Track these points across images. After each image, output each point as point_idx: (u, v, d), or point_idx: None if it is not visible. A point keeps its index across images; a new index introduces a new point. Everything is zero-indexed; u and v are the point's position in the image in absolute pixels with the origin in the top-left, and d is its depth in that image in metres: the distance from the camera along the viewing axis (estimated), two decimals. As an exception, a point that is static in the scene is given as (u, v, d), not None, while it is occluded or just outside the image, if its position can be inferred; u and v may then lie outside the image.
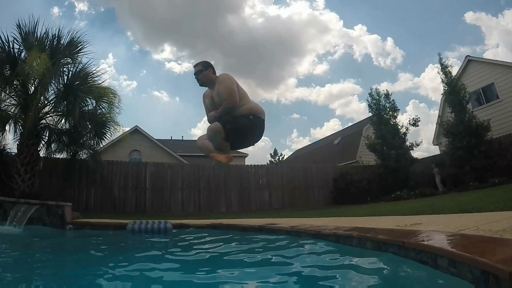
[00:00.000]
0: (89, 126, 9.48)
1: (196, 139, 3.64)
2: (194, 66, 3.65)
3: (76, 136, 9.67)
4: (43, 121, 9.37)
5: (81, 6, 47.17)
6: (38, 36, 9.17)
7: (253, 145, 3.99)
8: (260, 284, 2.24)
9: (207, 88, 3.70)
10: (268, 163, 36.63)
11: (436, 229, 2.99)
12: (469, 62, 18.32)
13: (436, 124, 18.99)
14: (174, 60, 59.50)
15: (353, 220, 5.08)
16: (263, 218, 7.51)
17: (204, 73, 3.57)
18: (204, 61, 3.68)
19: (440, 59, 14.73)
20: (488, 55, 44.13)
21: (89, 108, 9.53)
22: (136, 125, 23.13)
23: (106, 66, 51.41)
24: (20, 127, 9.01)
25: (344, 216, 6.62)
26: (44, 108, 9.21)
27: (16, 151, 8.97)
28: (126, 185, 12.67)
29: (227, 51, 57.86)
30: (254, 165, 15.30)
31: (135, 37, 53.45)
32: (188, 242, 4.59)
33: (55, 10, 39.00)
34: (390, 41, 55.06)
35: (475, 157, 12.46)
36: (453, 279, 1.80)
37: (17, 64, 8.45)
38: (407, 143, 15.47)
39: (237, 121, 3.38)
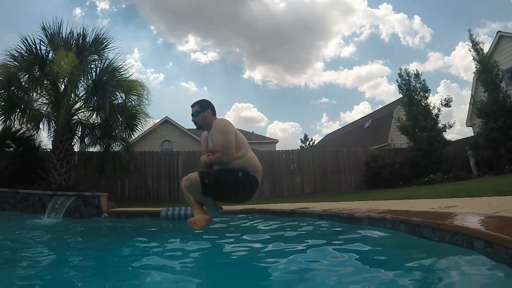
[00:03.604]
0: (120, 119, 9.68)
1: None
2: (192, 106, 3.37)
3: (108, 129, 9.92)
4: (75, 117, 9.67)
5: (103, 5, 48.16)
6: (64, 36, 9.42)
7: (242, 202, 3.68)
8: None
9: None
10: (299, 148, 36.45)
11: (471, 211, 2.92)
12: (500, 38, 17.45)
13: (469, 104, 18.32)
14: (199, 51, 60.06)
15: (386, 204, 5.01)
16: (295, 202, 7.50)
17: (201, 115, 3.30)
18: (202, 100, 3.41)
19: (471, 35, 14.07)
20: (522, 29, 41.87)
21: (119, 102, 9.74)
22: (166, 116, 23.59)
23: (132, 60, 52.23)
24: (54, 124, 9.34)
25: (377, 200, 6.54)
26: (75, 105, 9.50)
27: (51, 147, 9.32)
28: (159, 174, 13.05)
29: (252, 38, 57.78)
30: (285, 150, 15.30)
31: (159, 30, 54.18)
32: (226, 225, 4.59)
33: (78, 11, 40.02)
34: (417, 19, 53.49)
35: (511, 138, 11.95)
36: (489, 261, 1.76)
37: (45, 65, 8.74)
38: (440, 125, 14.97)
39: (220, 176, 3.06)
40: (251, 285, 1.96)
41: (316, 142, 40.75)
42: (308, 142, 42.22)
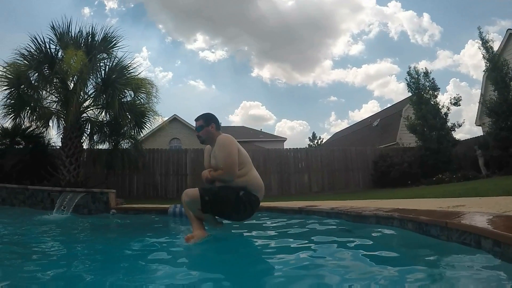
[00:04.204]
0: (129, 116, 9.80)
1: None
2: (196, 120, 3.35)
3: (117, 127, 10.08)
4: (84, 114, 9.81)
5: (111, 4, 48.55)
6: (73, 35, 9.56)
7: (241, 221, 3.60)
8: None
9: None
10: (307, 146, 36.43)
11: (480, 210, 2.90)
12: (510, 36, 17.22)
13: (479, 103, 18.12)
14: (208, 49, 60.38)
15: (394, 202, 5.00)
16: (303, 201, 7.50)
17: (205, 129, 3.28)
18: (207, 114, 3.37)
19: (480, 33, 13.92)
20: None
21: (128, 100, 9.87)
22: (175, 114, 23.74)
23: (141, 59, 52.64)
24: (63, 122, 9.46)
25: (385, 199, 6.52)
26: (84, 102, 9.63)
27: (60, 145, 9.42)
28: (167, 172, 13.19)
29: (260, 36, 57.88)
30: (293, 148, 15.30)
31: (167, 29, 54.51)
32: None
33: (86, 10, 40.40)
34: (426, 17, 53.20)
35: (521, 138, 11.80)
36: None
37: (55, 63, 8.87)
38: (449, 124, 14.89)
39: (221, 194, 3.02)
40: (258, 280, 1.97)
41: (324, 141, 40.77)
42: (316, 141, 42.24)
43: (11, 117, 9.22)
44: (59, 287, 1.94)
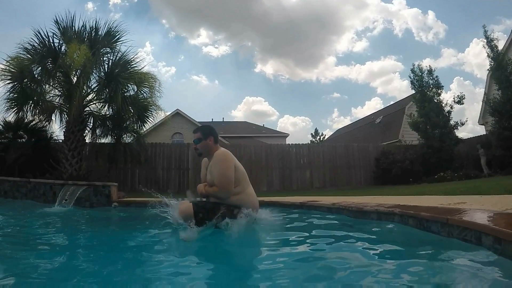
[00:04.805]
0: (132, 110, 9.80)
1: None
2: (193, 132, 3.35)
3: (120, 121, 10.07)
4: (87, 108, 9.80)
5: (114, -1, 48.41)
6: (76, 29, 9.55)
7: None
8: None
9: None
10: (309, 142, 36.43)
11: (481, 208, 2.90)
12: (515, 34, 17.15)
13: (482, 102, 18.06)
14: (211, 44, 60.27)
15: (395, 199, 4.99)
16: (304, 196, 7.51)
17: (203, 142, 3.25)
18: (205, 127, 3.39)
19: (485, 32, 13.79)
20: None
21: (131, 94, 9.84)
22: (177, 109, 23.73)
23: (144, 54, 52.63)
24: (66, 116, 9.49)
25: (386, 195, 6.52)
26: (87, 96, 9.62)
27: (63, 138, 9.44)
28: (169, 166, 13.21)
29: (264, 32, 57.73)
30: (295, 144, 15.27)
31: (170, 24, 54.42)
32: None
33: (90, 5, 40.31)
34: (431, 14, 52.90)
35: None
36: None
37: (58, 57, 8.85)
38: (452, 122, 14.82)
39: (215, 212, 2.95)
40: (260, 272, 1.98)
41: (326, 137, 40.66)
42: (318, 137, 42.17)
43: (14, 111, 9.23)
44: (60, 277, 1.95)
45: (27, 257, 2.41)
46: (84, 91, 9.18)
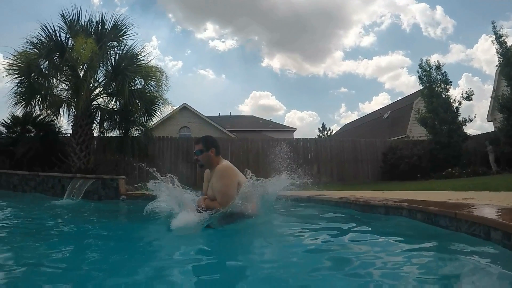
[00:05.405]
0: (139, 104, 9.82)
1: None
2: (195, 143, 3.27)
3: (127, 115, 10.09)
4: (95, 102, 9.84)
5: (121, -7, 48.42)
6: (83, 23, 9.56)
7: None
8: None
9: None
10: (316, 137, 36.35)
11: (489, 203, 2.88)
12: (526, 31, 16.89)
13: (491, 98, 17.86)
14: (218, 38, 60.14)
15: (402, 194, 4.98)
16: (311, 190, 7.51)
17: (205, 154, 3.17)
18: (207, 138, 3.32)
19: (494, 27, 13.57)
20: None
21: (138, 87, 9.85)
22: (185, 103, 23.73)
23: (151, 48, 52.64)
24: (74, 110, 9.53)
25: (394, 190, 6.49)
26: (94, 90, 9.65)
27: (71, 132, 9.50)
28: (177, 160, 13.18)
29: (270, 26, 57.43)
30: (302, 138, 15.22)
31: (177, 18, 54.35)
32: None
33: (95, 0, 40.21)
34: (439, 9, 52.31)
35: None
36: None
37: (65, 51, 8.86)
38: (460, 118, 14.67)
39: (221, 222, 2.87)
40: (269, 262, 1.99)
41: (334, 132, 40.52)
42: (326, 132, 42.07)
43: (22, 105, 9.26)
44: (70, 267, 1.98)
45: (38, 247, 2.45)
46: (91, 85, 9.21)
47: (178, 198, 3.13)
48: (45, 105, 9.46)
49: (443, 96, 14.80)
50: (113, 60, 9.67)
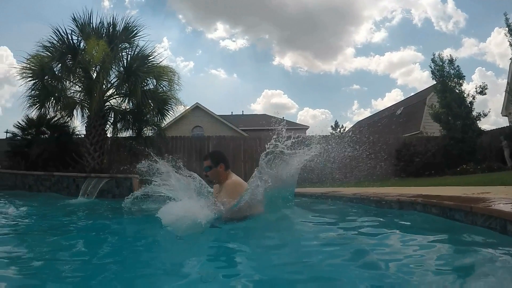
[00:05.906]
0: (152, 104, 9.90)
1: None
2: (203, 160, 3.25)
3: (140, 115, 10.18)
4: (108, 103, 9.94)
5: (131, -4, 48.77)
6: (94, 26, 9.63)
7: None
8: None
9: None
10: (329, 135, 36.19)
11: (505, 197, 2.84)
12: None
13: (505, 92, 17.53)
14: (228, 38, 60.01)
15: (416, 189, 4.94)
16: (325, 187, 7.51)
17: (214, 170, 3.15)
18: (215, 153, 3.35)
19: (507, 20, 13.27)
20: None
21: (150, 88, 9.92)
22: (197, 102, 23.85)
23: (162, 49, 53.00)
24: (87, 111, 9.64)
25: (408, 186, 6.45)
26: (107, 91, 9.76)
27: (85, 133, 9.61)
28: (190, 158, 13.26)
29: (281, 24, 57.12)
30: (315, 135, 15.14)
31: (187, 19, 54.46)
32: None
33: (106, 2, 40.56)
34: (450, 3, 51.32)
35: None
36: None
37: (77, 54, 8.96)
38: (474, 113, 14.43)
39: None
40: (284, 255, 2.01)
41: (346, 129, 40.30)
42: (338, 129, 41.87)
43: (36, 108, 9.40)
44: (84, 259, 2.02)
45: (55, 241, 2.50)
46: (104, 86, 9.31)
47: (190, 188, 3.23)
48: (59, 107, 9.60)
49: (457, 91, 14.54)
50: (125, 61, 9.76)
